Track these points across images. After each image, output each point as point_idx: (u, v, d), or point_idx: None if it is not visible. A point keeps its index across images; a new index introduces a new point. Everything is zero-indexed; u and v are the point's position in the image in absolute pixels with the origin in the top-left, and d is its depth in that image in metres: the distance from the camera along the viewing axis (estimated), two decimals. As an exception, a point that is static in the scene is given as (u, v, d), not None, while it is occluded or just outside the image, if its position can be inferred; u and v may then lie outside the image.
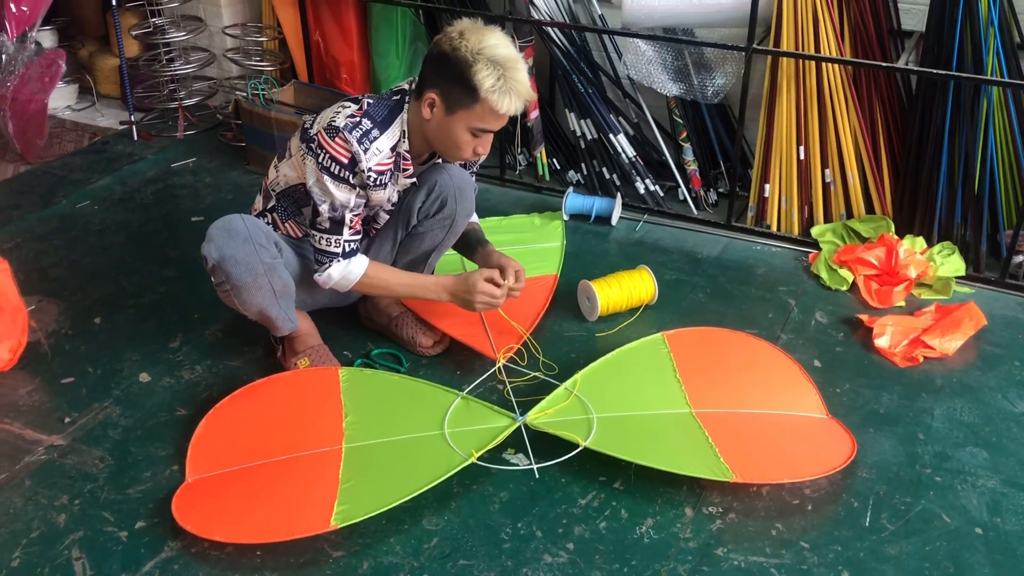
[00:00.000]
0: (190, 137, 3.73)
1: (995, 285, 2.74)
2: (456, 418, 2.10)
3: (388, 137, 2.08)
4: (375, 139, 2.05)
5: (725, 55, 3.01)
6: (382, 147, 2.07)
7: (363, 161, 2.04)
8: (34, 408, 2.22)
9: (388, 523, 1.88)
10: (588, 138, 3.21)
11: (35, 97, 3.48)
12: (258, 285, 2.11)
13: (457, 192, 2.26)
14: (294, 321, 2.25)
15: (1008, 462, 2.08)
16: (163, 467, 2.03)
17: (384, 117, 2.08)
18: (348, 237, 2.14)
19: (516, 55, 2.00)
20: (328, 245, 2.14)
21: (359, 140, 2.03)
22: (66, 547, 1.83)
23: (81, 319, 2.56)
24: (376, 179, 2.09)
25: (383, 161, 2.09)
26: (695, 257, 2.92)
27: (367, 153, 2.04)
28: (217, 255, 2.07)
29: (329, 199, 2.07)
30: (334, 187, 2.05)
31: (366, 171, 2.06)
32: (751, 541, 1.86)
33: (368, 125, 2.05)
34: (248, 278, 2.09)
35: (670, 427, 2.07)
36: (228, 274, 2.08)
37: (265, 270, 2.10)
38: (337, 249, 2.14)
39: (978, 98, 2.64)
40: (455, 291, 2.25)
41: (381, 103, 2.10)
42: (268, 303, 2.15)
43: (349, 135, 2.02)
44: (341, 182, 2.05)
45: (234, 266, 2.07)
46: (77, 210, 3.17)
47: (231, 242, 2.06)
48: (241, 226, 2.08)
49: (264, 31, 3.77)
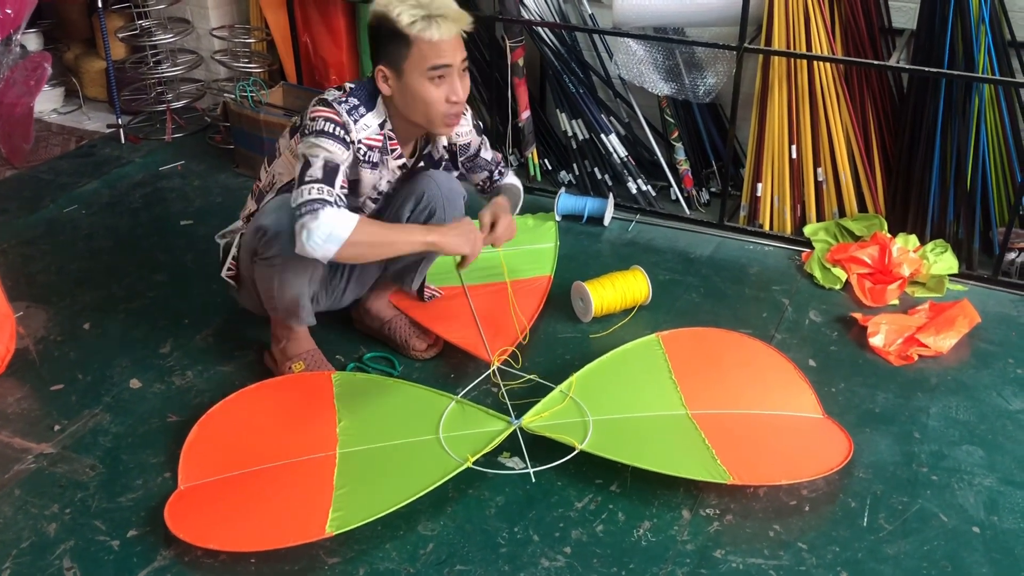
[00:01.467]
0: (178, 140, 3.70)
1: (988, 282, 2.74)
2: (451, 422, 2.09)
3: (375, 115, 2.07)
4: (363, 115, 2.05)
5: (716, 54, 3.00)
6: (370, 123, 2.06)
7: (353, 132, 2.02)
8: (23, 416, 2.20)
9: (383, 529, 1.86)
10: (580, 138, 3.20)
11: (21, 101, 3.45)
12: (304, 266, 2.06)
13: (445, 202, 2.22)
14: (312, 317, 2.22)
15: (1004, 460, 2.07)
16: (155, 474, 2.01)
17: (367, 97, 2.07)
18: (339, 192, 1.97)
19: None
20: (320, 194, 1.94)
21: (348, 112, 2.03)
22: (57, 557, 1.81)
23: (70, 325, 2.53)
24: (366, 153, 2.07)
25: (372, 136, 2.07)
26: (688, 257, 2.91)
27: (356, 124, 2.03)
28: (277, 226, 2.02)
29: (324, 154, 1.97)
30: (328, 143, 1.98)
31: (356, 142, 2.04)
32: (749, 543, 1.85)
33: (355, 102, 2.05)
34: (300, 256, 2.00)
35: (666, 429, 2.07)
36: (284, 247, 2.02)
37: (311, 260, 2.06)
38: (330, 197, 1.94)
39: (970, 96, 2.64)
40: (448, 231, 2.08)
41: (362, 87, 2.09)
42: (304, 289, 2.12)
43: (339, 106, 2.02)
44: (337, 140, 1.99)
45: (291, 241, 1.99)
46: (65, 214, 3.14)
47: (288, 218, 2.01)
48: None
49: (252, 33, 3.75)
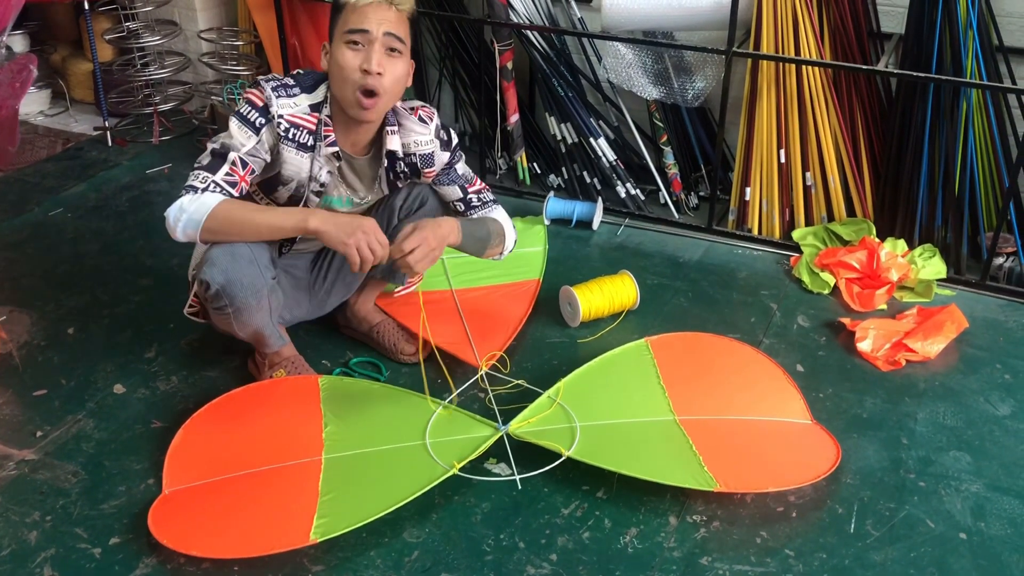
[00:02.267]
0: (166, 143, 3.68)
1: (976, 287, 2.74)
2: (438, 428, 2.07)
3: (309, 97, 2.07)
4: (294, 95, 2.05)
5: (705, 58, 3.00)
6: (300, 102, 2.05)
7: (274, 105, 2.02)
8: (5, 422, 2.17)
9: (368, 536, 1.85)
10: (568, 142, 3.20)
11: (6, 103, 3.41)
12: (260, 306, 2.06)
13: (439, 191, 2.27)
14: (284, 338, 2.23)
15: (991, 466, 2.07)
16: (138, 481, 1.99)
17: (310, 84, 2.09)
18: (221, 180, 1.97)
19: None
20: (194, 180, 1.97)
21: (274, 89, 2.03)
22: (38, 565, 1.79)
23: (54, 330, 2.51)
24: (289, 131, 2.04)
25: (299, 115, 2.05)
26: (676, 261, 2.90)
27: (279, 100, 2.03)
28: (222, 279, 1.98)
29: (223, 139, 2.01)
30: (235, 127, 2.01)
31: (276, 116, 2.02)
32: (736, 549, 1.84)
33: (290, 82, 2.07)
34: (252, 300, 2.03)
35: (654, 435, 2.06)
36: (232, 297, 2.01)
37: (268, 291, 2.06)
38: (201, 184, 1.96)
39: (958, 100, 2.64)
40: (333, 219, 1.94)
41: (311, 74, 2.11)
42: (264, 322, 2.12)
43: (266, 84, 2.04)
44: (245, 123, 2.01)
45: (239, 289, 2.00)
46: (50, 218, 3.12)
47: (235, 265, 1.99)
48: (245, 249, 2.00)
49: (240, 35, 3.74)
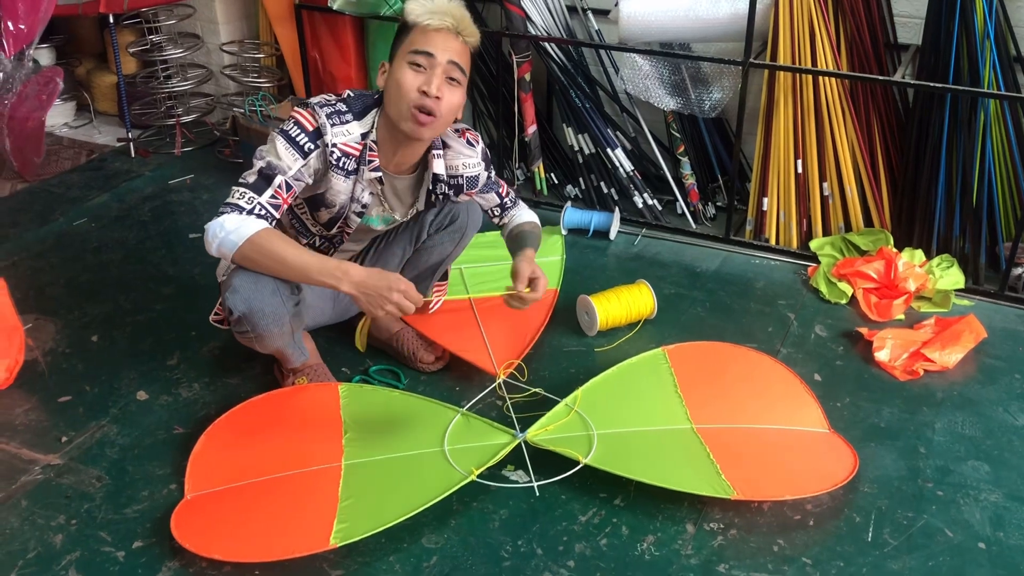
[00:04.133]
0: (187, 154, 3.73)
1: (994, 297, 2.74)
2: (456, 435, 2.09)
3: (360, 124, 2.05)
4: (347, 122, 2.03)
5: (722, 69, 3.01)
6: (352, 130, 2.04)
7: (328, 134, 2.00)
8: (31, 427, 2.21)
9: (387, 541, 1.86)
10: (586, 152, 3.22)
11: (32, 115, 3.48)
12: (282, 332, 2.08)
13: (468, 205, 2.27)
14: (306, 353, 2.25)
15: (1010, 476, 2.07)
16: (160, 486, 2.02)
17: (360, 109, 2.07)
18: (266, 202, 1.95)
19: None
20: (240, 199, 1.94)
21: (328, 116, 2.01)
22: (63, 568, 1.81)
23: (78, 337, 2.55)
24: (340, 159, 2.03)
25: (350, 143, 2.04)
26: (694, 271, 2.91)
27: (334, 128, 2.01)
28: (244, 308, 1.99)
29: (270, 157, 1.98)
30: (283, 147, 1.98)
31: (330, 145, 2.01)
32: (753, 557, 1.85)
33: (343, 108, 2.04)
34: (274, 327, 2.05)
35: (671, 443, 2.06)
36: (255, 325, 2.02)
37: (291, 317, 2.08)
38: (248, 205, 1.93)
39: (975, 111, 2.64)
40: (364, 284, 1.90)
41: (361, 98, 2.09)
42: (286, 343, 2.15)
43: (319, 109, 2.01)
44: (294, 145, 1.98)
45: (261, 318, 2.01)
46: (74, 228, 3.16)
47: (259, 294, 1.99)
48: (268, 278, 1.99)
49: (261, 48, 3.79)
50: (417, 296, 1.92)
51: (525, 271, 2.15)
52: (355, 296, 1.91)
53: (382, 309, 1.90)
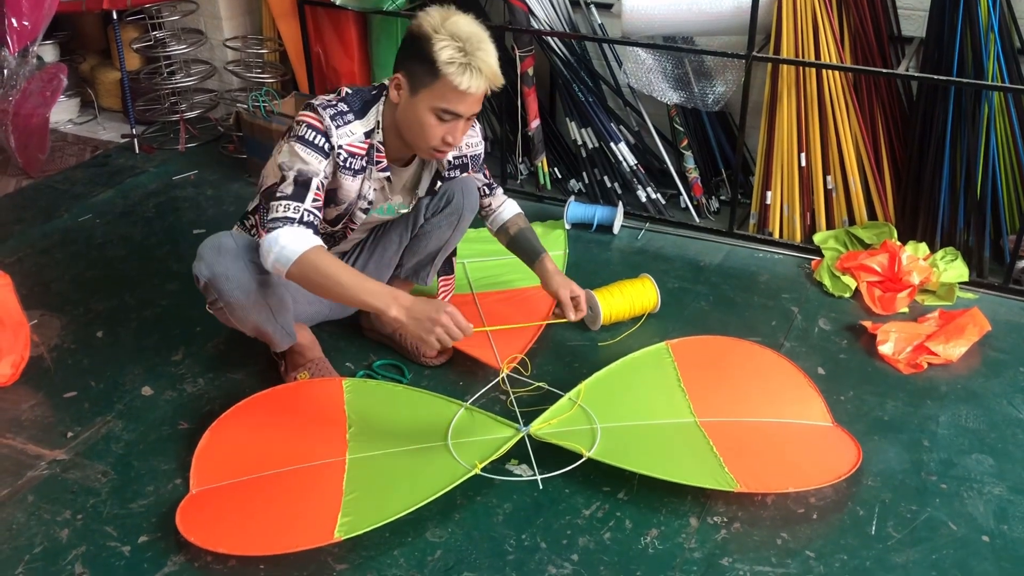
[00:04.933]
0: (191, 149, 3.73)
1: (999, 290, 2.73)
2: (459, 429, 2.09)
3: (362, 123, 2.04)
4: (349, 122, 2.02)
5: (725, 63, 3.01)
6: (355, 130, 2.03)
7: (334, 136, 2.00)
8: (36, 423, 2.22)
9: (391, 535, 1.87)
10: (589, 147, 3.22)
11: (37, 111, 3.49)
12: (251, 302, 2.08)
13: (463, 187, 2.27)
14: (292, 336, 2.23)
15: (1014, 469, 2.06)
16: (165, 481, 2.03)
17: (360, 107, 2.05)
18: (309, 207, 1.96)
19: (482, 33, 1.94)
20: (286, 211, 1.94)
21: (332, 117, 2.00)
22: (69, 562, 1.83)
23: (83, 333, 2.56)
24: (347, 160, 2.03)
25: (355, 143, 2.03)
26: (697, 265, 2.91)
27: (339, 130, 2.00)
28: (208, 273, 2.03)
29: (298, 164, 1.97)
30: (304, 152, 1.97)
31: (337, 147, 2.01)
32: (756, 551, 1.85)
33: (344, 108, 2.03)
34: (240, 295, 2.05)
35: (674, 437, 2.07)
36: (220, 291, 2.05)
37: (258, 286, 2.07)
38: (295, 215, 1.94)
39: (979, 103, 2.64)
40: (413, 310, 1.89)
41: (359, 94, 2.08)
42: (263, 319, 2.13)
43: (322, 111, 2.00)
44: (313, 148, 1.98)
45: (225, 283, 2.03)
46: (79, 224, 3.17)
47: (221, 259, 2.02)
48: (231, 243, 2.04)
49: (265, 43, 3.79)
50: (465, 324, 1.91)
51: (567, 297, 2.27)
52: (403, 322, 1.89)
53: (431, 335, 1.89)
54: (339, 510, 1.85)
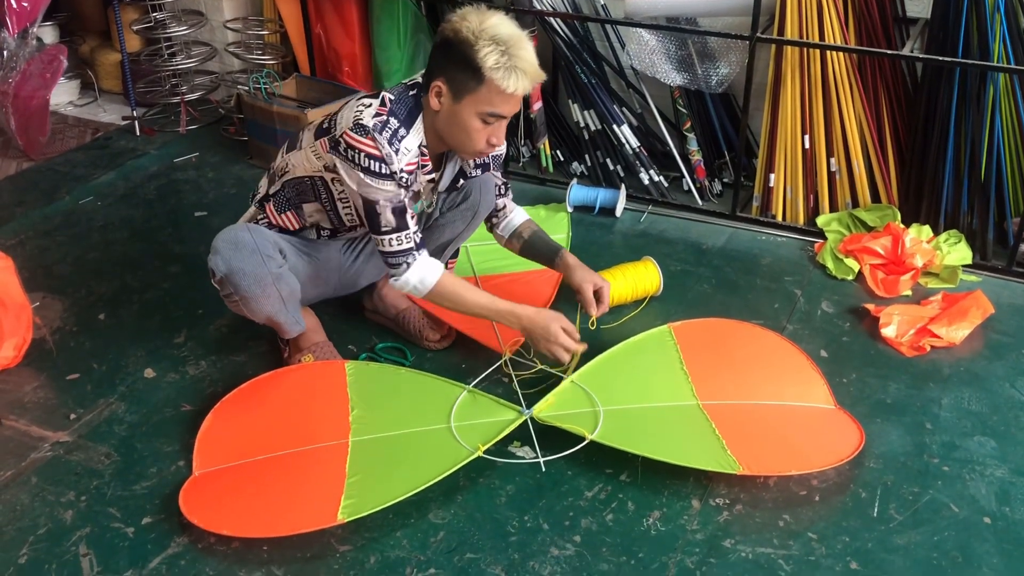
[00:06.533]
0: (192, 132, 3.72)
1: (1002, 273, 2.73)
2: (462, 411, 2.10)
3: (414, 135, 2.03)
4: (403, 138, 2.00)
5: (729, 44, 2.99)
6: (411, 146, 2.01)
7: (395, 163, 1.98)
8: (40, 405, 2.22)
9: (394, 517, 1.88)
10: (592, 129, 3.20)
11: (37, 93, 3.48)
12: (266, 295, 2.10)
13: (481, 184, 2.27)
14: (301, 323, 2.25)
15: (1016, 451, 2.07)
16: (168, 463, 2.03)
17: (406, 115, 2.02)
18: (414, 229, 2.07)
19: (520, 33, 1.94)
20: (400, 244, 2.05)
21: (389, 141, 1.97)
22: (73, 543, 1.83)
23: (85, 315, 2.56)
24: (407, 180, 2.03)
25: (412, 160, 2.03)
26: (700, 248, 2.91)
27: (398, 154, 1.98)
28: (225, 268, 2.05)
29: (382, 195, 2.00)
30: (378, 183, 1.98)
31: (398, 172, 1.99)
32: (759, 532, 1.85)
33: (395, 124, 1.99)
34: (256, 289, 2.08)
35: (676, 419, 2.07)
36: (236, 286, 2.07)
37: (273, 280, 2.09)
38: (410, 244, 2.06)
39: (984, 85, 2.62)
40: (532, 328, 2.13)
41: (402, 100, 2.03)
42: (276, 310, 2.15)
43: (379, 136, 1.96)
44: (383, 178, 1.98)
45: (242, 278, 2.05)
46: (80, 206, 3.17)
47: (238, 254, 2.05)
48: (247, 238, 2.07)
49: (265, 25, 3.77)
50: (575, 343, 2.14)
51: (589, 293, 2.29)
52: (526, 329, 2.15)
53: (549, 344, 2.13)
54: (342, 492, 1.85)
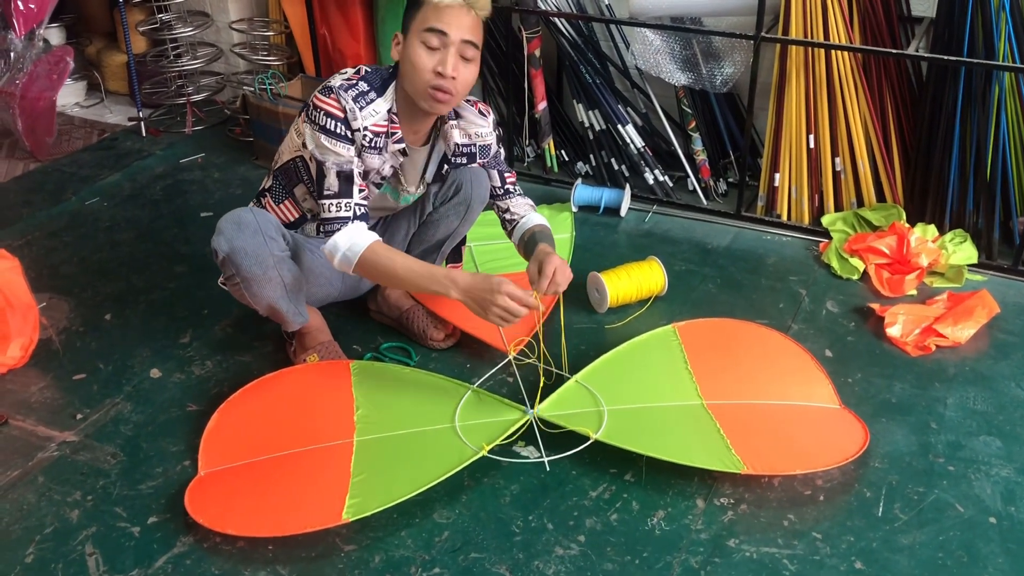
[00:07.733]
0: (198, 132, 3.73)
1: (1008, 272, 2.72)
2: (467, 411, 2.10)
3: (384, 100, 2.06)
4: (372, 100, 2.04)
5: (734, 44, 2.99)
6: (379, 108, 2.05)
7: (358, 119, 2.01)
8: (46, 405, 2.23)
9: (399, 516, 1.88)
10: (596, 129, 3.20)
11: (43, 94, 3.49)
12: (268, 278, 2.10)
13: (473, 177, 2.26)
14: (304, 316, 2.25)
15: (1022, 451, 2.06)
16: (174, 462, 2.04)
17: (380, 83, 2.07)
18: (358, 200, 2.05)
19: None
20: (338, 210, 2.04)
21: (355, 99, 2.01)
22: (79, 543, 1.84)
23: (92, 316, 2.56)
24: (372, 140, 2.05)
25: (379, 122, 2.06)
26: (705, 247, 2.90)
27: (362, 111, 2.02)
28: (227, 247, 2.07)
29: (332, 157, 2.02)
30: (331, 143, 2.01)
31: (361, 129, 2.03)
32: (763, 532, 1.85)
33: (365, 87, 2.04)
34: (258, 270, 2.08)
35: (681, 419, 2.07)
36: (238, 266, 2.08)
37: (275, 263, 2.09)
38: (348, 212, 2.04)
39: (989, 84, 2.62)
40: (471, 291, 1.97)
41: (377, 72, 2.09)
42: (278, 296, 2.15)
43: (344, 94, 2.01)
44: (339, 139, 2.01)
45: (244, 258, 2.06)
46: (86, 207, 3.18)
47: (240, 234, 2.06)
48: (251, 219, 2.08)
49: (271, 25, 3.78)
50: (526, 299, 1.96)
51: (533, 267, 2.09)
52: (465, 302, 1.99)
53: (491, 314, 1.96)
54: (347, 492, 1.86)
